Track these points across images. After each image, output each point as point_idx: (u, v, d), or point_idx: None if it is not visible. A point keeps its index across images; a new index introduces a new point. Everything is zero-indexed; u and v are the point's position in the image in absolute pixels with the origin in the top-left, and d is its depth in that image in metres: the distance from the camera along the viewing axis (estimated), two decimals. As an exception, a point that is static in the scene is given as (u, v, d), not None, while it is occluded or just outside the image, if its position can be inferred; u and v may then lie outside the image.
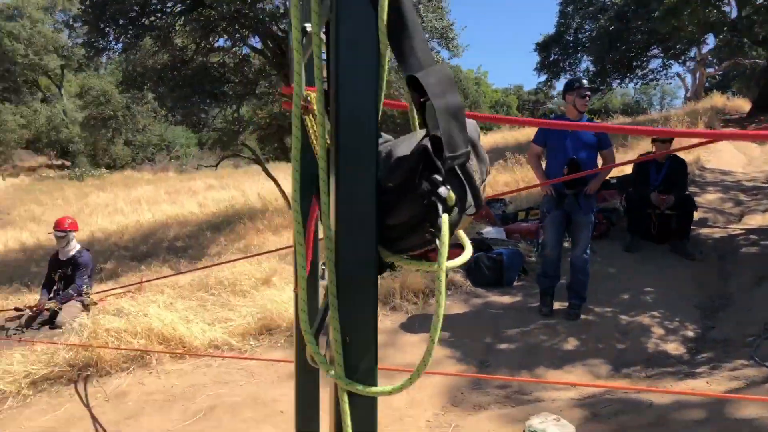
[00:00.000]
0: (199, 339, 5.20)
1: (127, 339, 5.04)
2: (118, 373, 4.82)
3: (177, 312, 5.87)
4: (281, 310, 5.70)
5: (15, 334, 6.45)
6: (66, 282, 7.00)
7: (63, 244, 7.03)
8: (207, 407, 4.33)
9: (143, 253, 11.16)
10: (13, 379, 4.63)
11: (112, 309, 6.83)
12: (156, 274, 8.89)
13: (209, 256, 9.77)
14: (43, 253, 13.20)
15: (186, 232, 12.46)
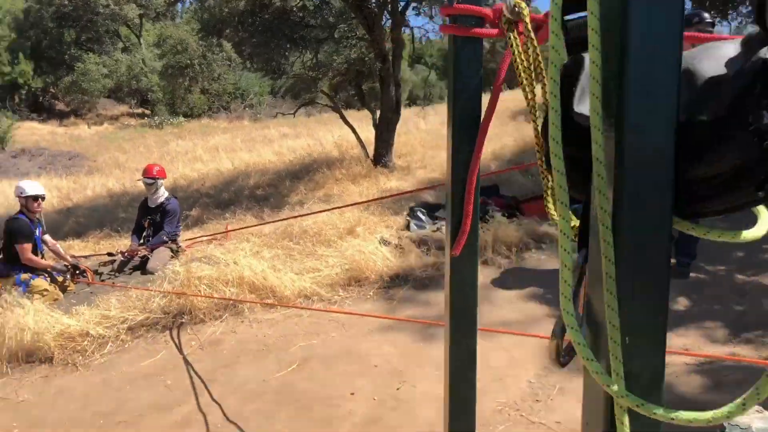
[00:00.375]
0: (290, 289, 5.13)
1: (219, 287, 5.03)
2: (212, 321, 4.83)
3: (264, 261, 5.84)
4: (369, 262, 5.56)
5: (109, 278, 6.63)
6: (155, 228, 7.10)
7: (151, 191, 7.11)
8: (301, 358, 4.26)
9: (226, 201, 11.29)
10: (111, 324, 4.72)
11: (200, 256, 6.90)
12: (240, 223, 8.94)
13: (290, 205, 9.75)
14: (128, 199, 13.63)
15: (266, 181, 12.52)
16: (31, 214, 6.16)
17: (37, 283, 5.94)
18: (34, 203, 6.12)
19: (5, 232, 6.11)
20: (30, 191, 6.08)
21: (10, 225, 6.04)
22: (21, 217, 6.08)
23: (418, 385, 3.87)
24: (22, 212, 6.13)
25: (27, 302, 4.77)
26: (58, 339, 4.45)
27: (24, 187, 6.09)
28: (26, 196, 6.07)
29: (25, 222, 6.05)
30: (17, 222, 6.03)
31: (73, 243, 9.20)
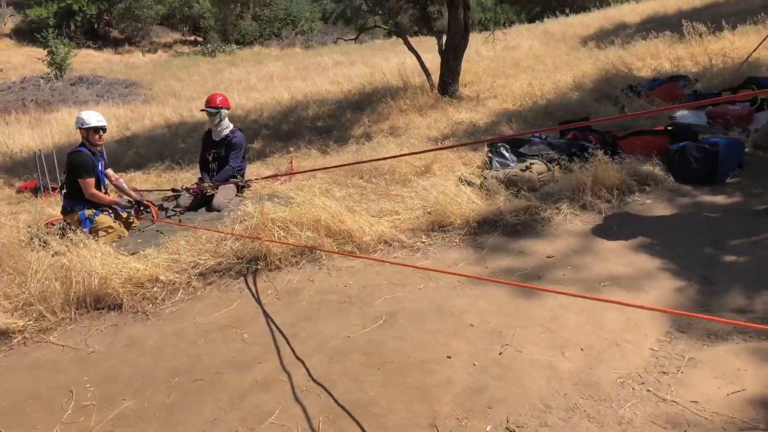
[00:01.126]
0: (368, 234, 4.69)
1: (294, 231, 4.62)
2: (288, 267, 4.46)
3: (337, 201, 5.39)
4: (452, 204, 5.04)
5: (174, 215, 6.34)
6: (220, 163, 6.73)
7: (215, 122, 6.69)
8: (387, 313, 3.85)
9: (286, 133, 10.85)
10: (181, 269, 4.40)
11: (267, 192, 6.52)
12: (305, 157, 8.52)
13: (354, 138, 9.22)
14: (187, 129, 13.37)
15: (325, 111, 11.98)
16: (93, 147, 5.84)
17: (102, 219, 5.69)
18: (95, 135, 5.79)
19: (67, 166, 5.83)
20: (91, 122, 5.73)
21: (72, 159, 5.74)
22: (83, 150, 5.77)
23: (524, 349, 3.41)
24: (83, 145, 5.82)
25: (93, 243, 4.48)
26: (127, 285, 4.16)
27: (85, 118, 5.74)
28: (87, 127, 5.73)
29: (87, 155, 5.74)
30: (79, 155, 5.73)
31: (135, 175, 8.99)
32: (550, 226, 4.88)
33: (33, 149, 12.46)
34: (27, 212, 7.43)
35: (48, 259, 4.28)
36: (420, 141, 8.02)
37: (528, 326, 3.63)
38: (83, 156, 5.71)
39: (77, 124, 5.79)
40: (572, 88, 10.08)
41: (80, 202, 5.74)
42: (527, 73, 13.30)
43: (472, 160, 6.66)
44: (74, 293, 4.06)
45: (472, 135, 8.14)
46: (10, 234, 6.02)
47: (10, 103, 22.33)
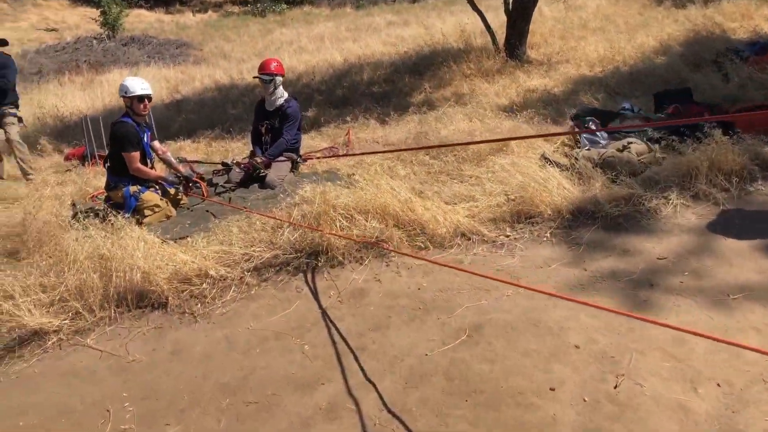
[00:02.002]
0: (443, 225, 4.07)
1: (358, 220, 4.04)
2: (351, 264, 3.89)
3: (402, 181, 4.78)
4: (540, 190, 4.36)
5: (224, 191, 5.84)
6: (273, 134, 6.17)
7: (269, 90, 6.11)
8: (471, 325, 3.26)
9: (340, 99, 10.22)
10: (233, 261, 3.88)
11: (323, 169, 5.96)
12: (362, 127, 7.90)
13: (416, 105, 8.55)
14: (237, 94, 12.89)
15: (382, 75, 11.27)
16: (138, 117, 5.35)
17: (148, 197, 5.23)
18: (140, 105, 5.29)
19: (111, 138, 5.37)
20: (136, 90, 5.23)
21: (116, 130, 5.27)
22: (127, 120, 5.29)
23: (645, 381, 2.78)
24: (127, 115, 5.33)
25: (136, 230, 3.99)
26: (173, 280, 3.67)
27: (129, 85, 5.24)
28: (131, 96, 5.23)
29: (131, 126, 5.26)
30: (123, 127, 5.24)
31: (184, 144, 8.56)
32: (658, 219, 4.15)
33: (83, 112, 12.23)
34: (73, 183, 7.08)
35: (86, 247, 3.82)
36: (491, 111, 7.30)
37: (646, 350, 2.98)
38: (127, 127, 5.23)
39: (121, 92, 5.29)
40: (657, 51, 9.08)
41: (125, 178, 5.29)
42: (598, 34, 12.22)
43: (554, 135, 5.92)
44: (114, 288, 3.60)
45: (548, 105, 7.34)
46: (53, 209, 5.65)
47: (65, 63, 22.35)
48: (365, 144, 7.01)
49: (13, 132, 7.58)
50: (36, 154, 9.36)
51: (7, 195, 6.58)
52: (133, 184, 5.29)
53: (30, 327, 3.40)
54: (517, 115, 6.52)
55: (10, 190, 6.73)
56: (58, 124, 11.53)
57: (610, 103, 7.01)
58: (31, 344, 3.40)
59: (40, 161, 9.01)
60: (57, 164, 8.69)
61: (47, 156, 9.32)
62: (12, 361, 3.32)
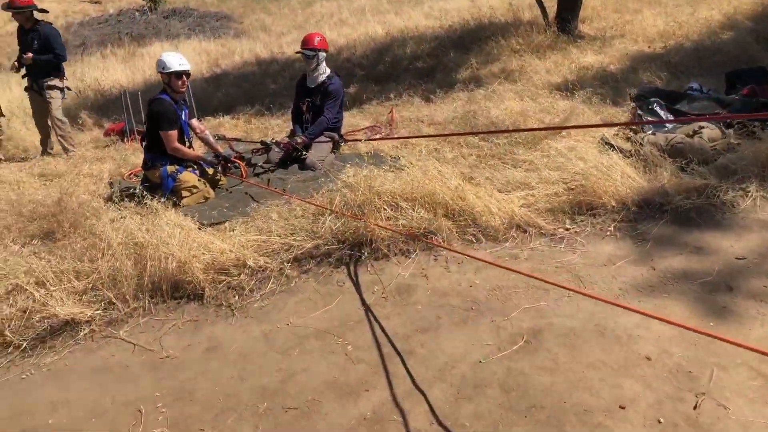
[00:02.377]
0: (497, 216, 3.77)
1: (405, 209, 3.77)
2: (397, 257, 3.63)
3: (450, 165, 4.48)
4: (603, 179, 4.01)
5: (263, 172, 5.63)
6: (314, 113, 5.91)
7: (311, 66, 5.83)
8: (529, 330, 2.98)
9: (383, 75, 9.88)
10: (272, 251, 3.66)
11: (365, 150, 5.68)
12: (406, 105, 7.58)
13: (462, 82, 8.16)
14: (277, 68, 12.64)
15: (425, 50, 10.83)
16: (175, 94, 5.15)
17: (186, 177, 5.05)
18: (178, 81, 5.08)
19: (148, 115, 5.19)
20: (174, 66, 5.02)
21: (153, 108, 5.08)
22: (164, 97, 5.09)
23: (729, 402, 2.46)
24: (164, 92, 5.13)
25: (172, 215, 3.81)
26: (209, 270, 3.47)
27: (166, 61, 5.03)
28: (169, 72, 5.02)
29: (168, 104, 5.06)
30: (160, 104, 5.05)
31: (223, 120, 8.37)
32: (735, 213, 3.77)
33: (124, 86, 12.17)
34: (111, 159, 6.98)
35: (121, 232, 3.65)
36: (543, 89, 6.89)
37: (729, 366, 2.66)
38: (165, 105, 5.04)
39: (158, 68, 5.09)
40: (723, 26, 8.47)
41: (162, 157, 5.11)
42: (654, 7, 11.54)
43: (614, 116, 5.52)
44: (149, 278, 3.42)
45: (605, 83, 6.90)
46: (89, 189, 5.54)
47: (107, 36, 22.46)
48: (409, 123, 6.70)
49: (54, 107, 7.50)
50: (76, 128, 9.32)
51: (48, 171, 6.50)
52: (170, 163, 5.12)
53: (62, 317, 3.24)
54: (573, 95, 6.10)
55: (50, 166, 6.65)
56: (98, 97, 11.49)
57: (674, 83, 6.53)
58: (63, 335, 3.26)
59: (80, 136, 8.96)
60: (96, 139, 8.62)
61: (87, 130, 9.27)
62: (44, 353, 3.18)
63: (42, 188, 5.86)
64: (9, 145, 8.41)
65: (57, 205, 4.59)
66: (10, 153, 8.22)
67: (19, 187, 5.87)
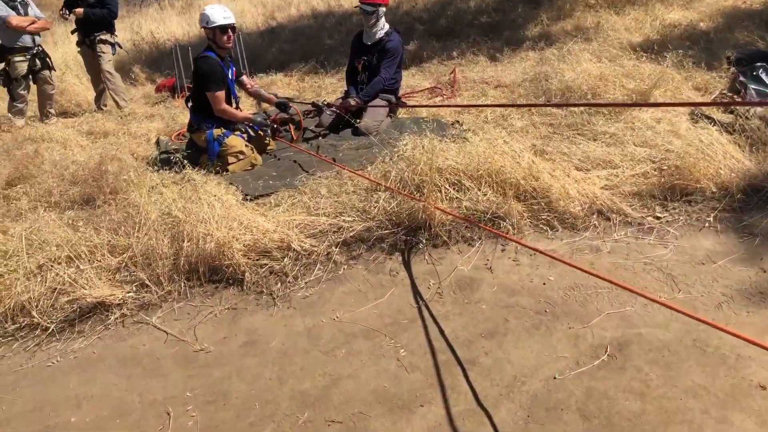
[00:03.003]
0: (576, 199, 3.29)
1: (469, 189, 3.33)
2: (459, 244, 3.21)
3: (519, 137, 3.99)
4: (699, 158, 3.45)
5: (314, 137, 5.26)
6: (370, 72, 5.46)
7: (370, 22, 5.35)
8: (612, 342, 2.54)
9: (444, 30, 9.23)
10: (320, 232, 3.30)
11: (426, 115, 5.21)
12: (469, 64, 7.01)
13: (531, 40, 7.50)
14: (334, 22, 12.12)
15: (491, 3, 10.10)
16: (222, 51, 4.78)
17: (232, 141, 4.72)
18: (223, 36, 4.71)
19: (193, 75, 4.86)
20: (218, 20, 4.63)
21: (199, 66, 4.74)
22: (210, 54, 4.74)
23: None
24: (209, 48, 4.77)
25: (213, 187, 3.48)
26: (250, 253, 3.14)
27: (210, 14, 4.64)
28: (213, 26, 4.65)
29: (215, 62, 4.71)
30: (206, 62, 4.70)
31: (275, 78, 8.00)
32: None
33: (179, 40, 11.93)
34: (161, 117, 6.74)
35: (159, 204, 3.35)
36: (623, 49, 6.20)
37: None
38: (210, 63, 4.69)
39: (201, 23, 4.72)
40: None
41: (208, 119, 4.80)
42: (749, -44, 10.40)
43: (709, 84, 4.86)
44: (185, 258, 3.12)
45: (695, 44, 6.15)
46: (134, 149, 5.30)
47: (165, -15, 22.26)
48: (473, 85, 6.17)
49: (105, 61, 7.30)
50: (129, 83, 9.14)
51: (96, 128, 6.31)
52: (217, 126, 4.80)
53: (92, 299, 2.99)
54: (660, 58, 5.42)
55: (99, 124, 6.45)
56: (153, 51, 11.26)
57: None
58: (92, 318, 3.01)
59: (132, 91, 8.78)
60: (148, 95, 8.41)
61: (140, 85, 9.08)
62: (71, 337, 2.94)
63: (88, 147, 5.66)
64: (62, 99, 8.29)
65: (97, 169, 4.35)
66: (64, 107, 8.10)
67: (65, 147, 5.69)
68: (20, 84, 6.77)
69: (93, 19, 7.05)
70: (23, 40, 6.67)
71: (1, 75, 6.72)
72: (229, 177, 4.42)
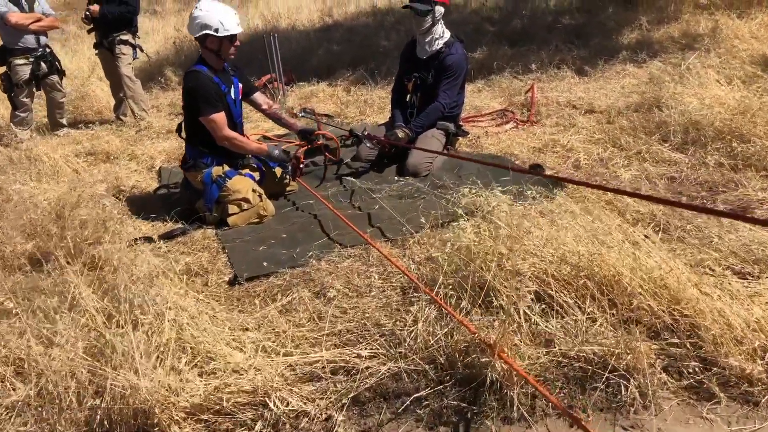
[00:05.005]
0: (744, 338, 1.96)
1: (566, 304, 2.05)
2: (551, 419, 1.92)
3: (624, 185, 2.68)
4: None
5: (350, 173, 4.08)
6: (423, 93, 4.20)
7: (423, 27, 4.10)
8: None
9: (518, 33, 7.80)
10: (321, 368, 2.07)
11: (494, 148, 3.96)
12: (551, 80, 5.64)
13: (629, 49, 6.03)
14: (393, 20, 10.89)
15: (573, 2, 8.62)
16: (219, 63, 3.65)
17: (236, 184, 3.57)
18: (230, 47, 3.58)
19: (184, 95, 3.73)
20: (231, 27, 3.49)
21: (186, 84, 3.62)
22: (199, 69, 3.60)
23: None
24: (201, 61, 3.63)
25: (165, 294, 2.31)
26: (198, 415, 1.94)
27: (219, 18, 3.49)
28: (224, 36, 3.50)
29: (206, 77, 3.57)
30: (196, 79, 3.56)
31: (317, 88, 6.82)
32: None
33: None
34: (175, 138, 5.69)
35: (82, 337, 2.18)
36: (756, 64, 4.73)
37: None
38: (200, 78, 3.55)
39: (198, 29, 3.53)
40: None
41: (206, 154, 3.67)
42: None
43: None
44: (103, 413, 1.94)
45: None
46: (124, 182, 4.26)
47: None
48: (557, 109, 4.82)
49: (124, 64, 6.32)
50: (159, 87, 8.18)
51: (98, 148, 5.31)
52: (218, 161, 3.67)
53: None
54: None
55: (102, 142, 5.46)
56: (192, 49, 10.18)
57: None
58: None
59: (160, 97, 7.80)
60: (175, 103, 7.40)
61: (170, 90, 8.06)
62: None
63: (82, 171, 4.67)
64: (83, 105, 7.41)
65: (56, 220, 3.29)
66: (83, 114, 7.22)
67: (55, 172, 4.71)
68: (22, 90, 5.87)
69: (110, 19, 6.07)
70: (26, 40, 5.75)
71: (2, 80, 5.83)
72: (223, 237, 3.29)
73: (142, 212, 3.88)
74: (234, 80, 3.77)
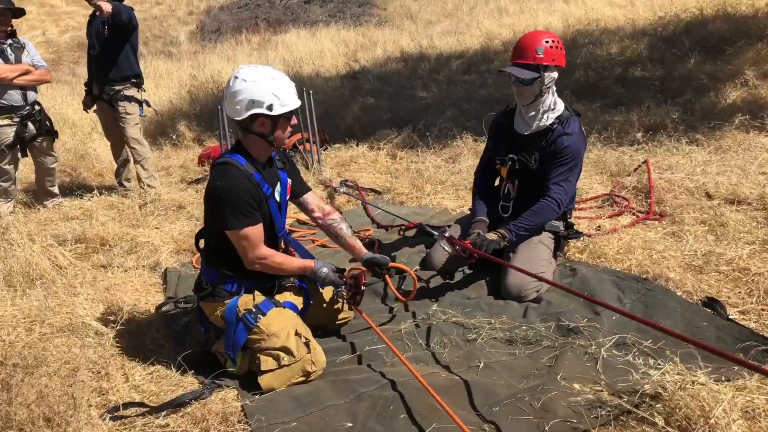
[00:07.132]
0: None
1: None
2: None
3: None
4: None
5: (421, 286, 2.94)
6: (523, 182, 3.08)
7: (530, 97, 2.98)
8: None
9: (586, 87, 6.67)
10: None
11: (622, 255, 2.81)
12: (666, 152, 4.50)
13: (739, 111, 4.92)
14: (427, 69, 9.89)
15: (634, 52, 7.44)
16: (264, 153, 2.54)
17: (274, 325, 2.45)
18: (287, 126, 2.48)
19: (206, 200, 2.59)
20: (290, 102, 2.39)
21: (213, 183, 2.48)
22: (235, 161, 2.48)
23: None
24: (238, 150, 2.53)
25: None
26: None
27: (274, 90, 2.36)
28: (278, 115, 2.40)
29: (241, 176, 2.43)
30: (226, 176, 2.43)
31: (357, 153, 5.68)
32: None
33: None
34: (191, 212, 4.61)
35: None
36: None
37: None
38: (234, 176, 2.42)
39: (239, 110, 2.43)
40: None
41: (229, 279, 2.55)
42: None
43: None
44: None
45: None
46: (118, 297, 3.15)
47: (243, 21, 21.20)
48: (687, 197, 3.66)
49: (130, 126, 5.27)
50: (170, 143, 7.14)
51: (90, 232, 4.22)
52: (247, 288, 2.55)
53: None
54: None
55: (97, 222, 4.37)
56: (210, 101, 9.11)
57: None
58: None
59: (171, 157, 6.75)
60: (188, 166, 6.35)
61: (183, 149, 7.01)
62: None
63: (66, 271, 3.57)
64: (81, 166, 6.38)
65: (2, 388, 2.17)
66: (81, 178, 6.19)
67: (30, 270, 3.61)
68: (4, 156, 4.84)
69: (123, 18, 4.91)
70: (9, 96, 4.74)
71: (-19, 143, 4.82)
72: (256, 426, 2.13)
73: (138, 350, 2.77)
74: (282, 176, 2.65)
